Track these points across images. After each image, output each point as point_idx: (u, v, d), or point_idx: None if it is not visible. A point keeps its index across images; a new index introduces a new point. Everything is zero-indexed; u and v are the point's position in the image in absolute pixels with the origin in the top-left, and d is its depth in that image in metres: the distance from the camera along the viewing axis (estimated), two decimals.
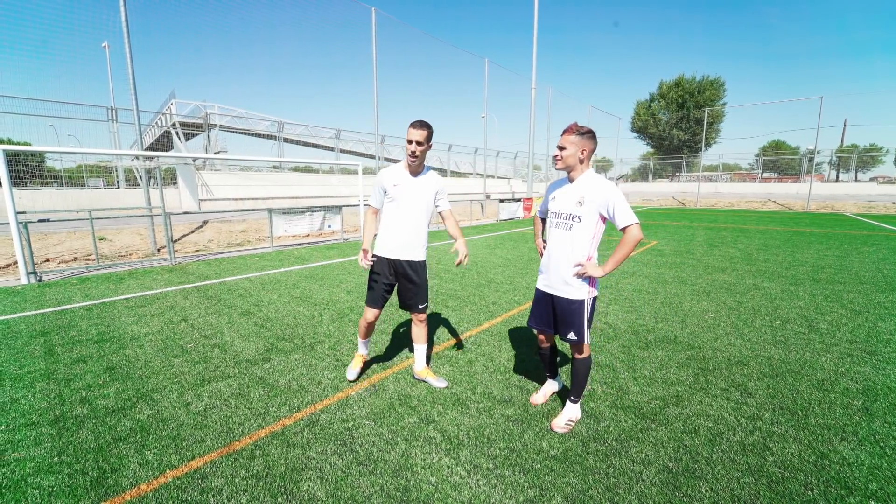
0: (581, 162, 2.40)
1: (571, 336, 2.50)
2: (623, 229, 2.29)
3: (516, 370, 3.38)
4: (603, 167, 40.65)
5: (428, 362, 3.41)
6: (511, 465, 2.24)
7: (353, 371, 3.24)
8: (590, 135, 2.38)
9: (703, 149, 32.94)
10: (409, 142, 2.78)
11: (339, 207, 11.34)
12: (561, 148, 2.40)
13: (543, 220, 2.81)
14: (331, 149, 22.89)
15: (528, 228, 14.59)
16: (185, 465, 2.25)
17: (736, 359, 3.58)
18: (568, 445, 2.41)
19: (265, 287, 6.12)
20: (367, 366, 3.43)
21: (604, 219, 2.40)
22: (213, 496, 2.03)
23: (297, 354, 3.71)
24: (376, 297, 3.05)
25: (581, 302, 2.45)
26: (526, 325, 4.44)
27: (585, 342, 2.51)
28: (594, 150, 2.42)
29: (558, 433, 2.52)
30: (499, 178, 32.59)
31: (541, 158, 34.17)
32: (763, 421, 2.65)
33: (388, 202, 2.97)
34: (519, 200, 18.82)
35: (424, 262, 3.05)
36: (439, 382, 3.12)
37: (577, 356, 2.59)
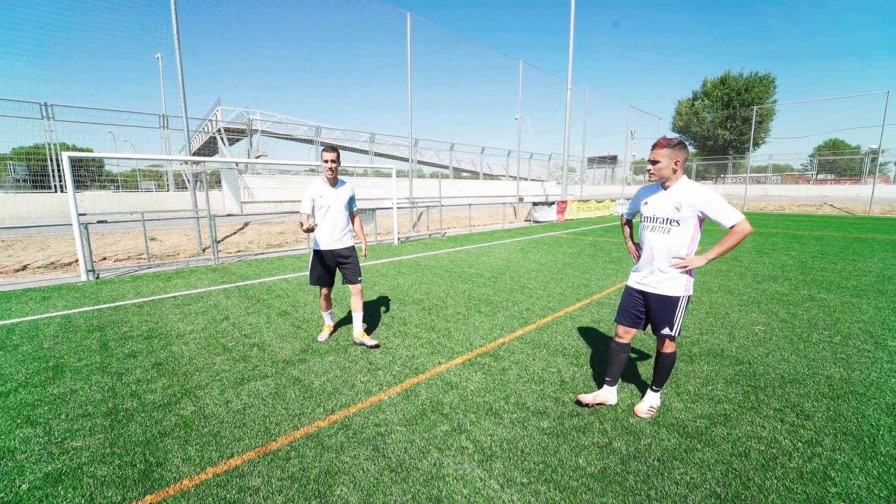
0: (674, 172, 2.52)
1: (666, 331, 2.64)
2: (731, 227, 2.41)
3: (551, 381, 3.29)
4: (641, 169, 39.31)
5: (365, 330, 4.25)
6: (546, 481, 2.17)
7: (322, 336, 4.16)
8: (681, 145, 2.48)
9: (751, 149, 31.20)
10: (325, 161, 3.71)
11: (373, 210, 11.52)
12: (654, 162, 2.52)
13: (628, 223, 3.08)
14: (365, 152, 23.33)
15: (563, 232, 14.29)
16: (225, 463, 2.32)
17: (790, 376, 3.34)
18: (606, 463, 2.30)
19: (302, 288, 6.29)
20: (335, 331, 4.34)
21: (701, 221, 2.52)
22: (251, 495, 2.08)
23: (332, 357, 3.77)
24: (321, 279, 4.01)
25: (678, 298, 2.59)
26: (557, 332, 4.33)
27: (676, 336, 2.67)
28: (686, 158, 2.53)
29: (642, 417, 2.74)
30: (532, 180, 32.14)
31: (576, 160, 33.46)
32: (823, 447, 2.45)
33: (317, 209, 3.86)
34: (553, 204, 18.47)
35: (353, 246, 4.06)
36: (371, 342, 3.95)
37: (664, 350, 2.73)
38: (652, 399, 2.82)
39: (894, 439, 2.51)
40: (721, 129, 43.60)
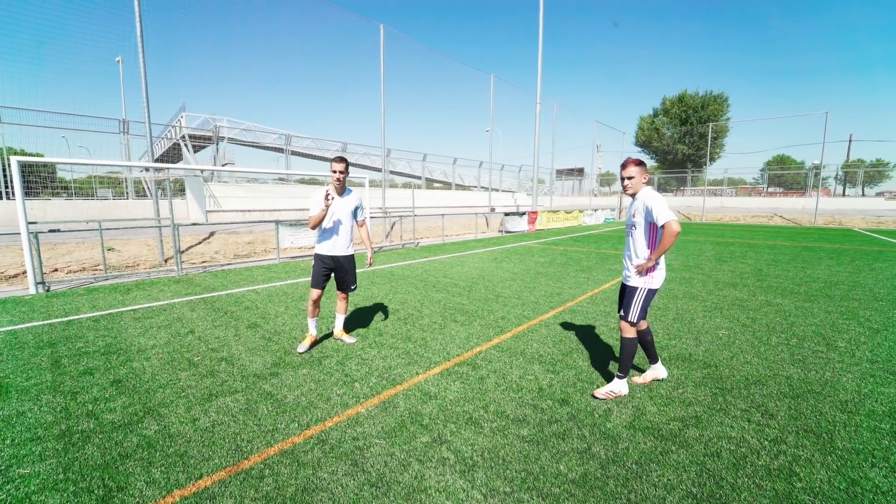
0: (643, 184, 3.06)
1: (621, 313, 3.18)
2: (662, 226, 2.84)
3: (529, 388, 3.31)
4: (607, 181, 40.70)
5: (345, 329, 4.51)
6: (529, 489, 2.16)
7: (303, 346, 4.10)
8: (643, 163, 3.07)
9: (708, 163, 32.96)
10: (334, 171, 3.91)
11: None
12: (629, 178, 3.04)
13: None
14: None
15: (535, 242, 14.54)
16: (193, 485, 2.19)
17: (754, 378, 3.49)
18: (587, 468, 2.33)
19: (272, 299, 6.09)
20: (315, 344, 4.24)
21: (653, 224, 2.94)
22: None
23: (305, 369, 3.66)
24: (318, 281, 4.12)
25: (636, 289, 3.10)
26: (532, 340, 4.38)
27: (630, 320, 3.11)
28: (648, 174, 3.11)
29: (598, 398, 3.09)
30: (503, 191, 32.65)
31: (545, 172, 34.28)
32: (787, 444, 2.56)
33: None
34: (524, 214, 18.81)
35: (353, 255, 4.25)
36: (351, 339, 4.32)
37: (623, 334, 3.18)
38: (615, 384, 3.14)
39: (849, 434, 2.67)
40: (680, 144, 45.87)
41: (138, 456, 2.44)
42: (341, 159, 3.91)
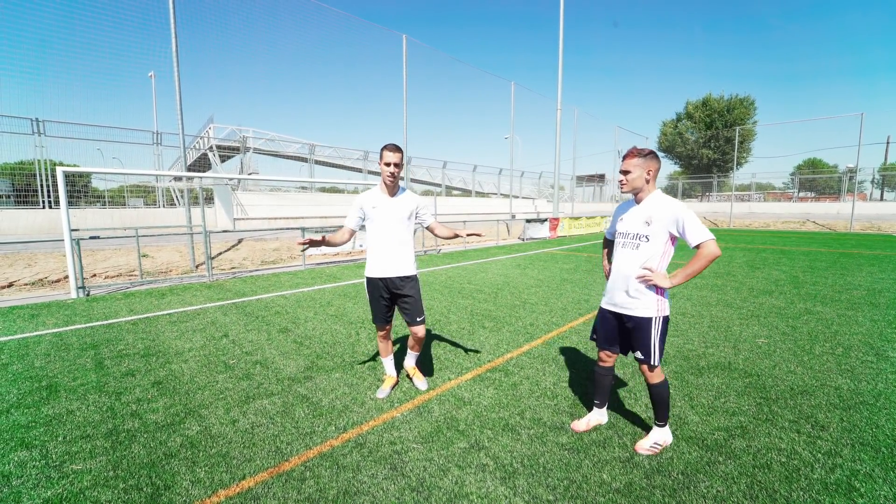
0: (647, 182, 2.41)
1: (639, 355, 2.46)
2: (697, 247, 2.24)
3: (564, 396, 3.25)
4: None
5: (418, 366, 3.57)
6: (572, 498, 2.12)
7: (383, 391, 3.27)
8: (652, 155, 2.38)
9: (735, 168, 32.10)
10: (388, 164, 2.94)
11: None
12: (625, 172, 2.41)
13: (610, 242, 2.80)
14: (359, 170, 23.42)
15: (557, 248, 14.39)
16: (237, 485, 2.22)
17: (800, 388, 3.35)
18: (631, 478, 2.26)
19: (300, 304, 6.19)
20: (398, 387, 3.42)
21: (674, 238, 2.37)
22: None
23: (338, 373, 3.69)
24: (380, 315, 3.24)
25: (649, 320, 2.39)
26: (563, 347, 4.31)
27: (653, 363, 2.42)
28: (659, 169, 2.43)
29: (643, 454, 2.47)
30: (523, 198, 32.53)
31: (565, 178, 34.01)
32: (843, 458, 2.44)
33: (369, 224, 3.11)
34: (545, 221, 18.66)
35: (415, 276, 3.19)
36: (422, 384, 3.35)
37: (650, 381, 2.48)
38: (656, 435, 2.53)
39: None
40: (705, 148, 44.84)
41: (182, 455, 2.49)
42: (397, 148, 2.95)
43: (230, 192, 15.16)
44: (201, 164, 23.26)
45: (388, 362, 3.39)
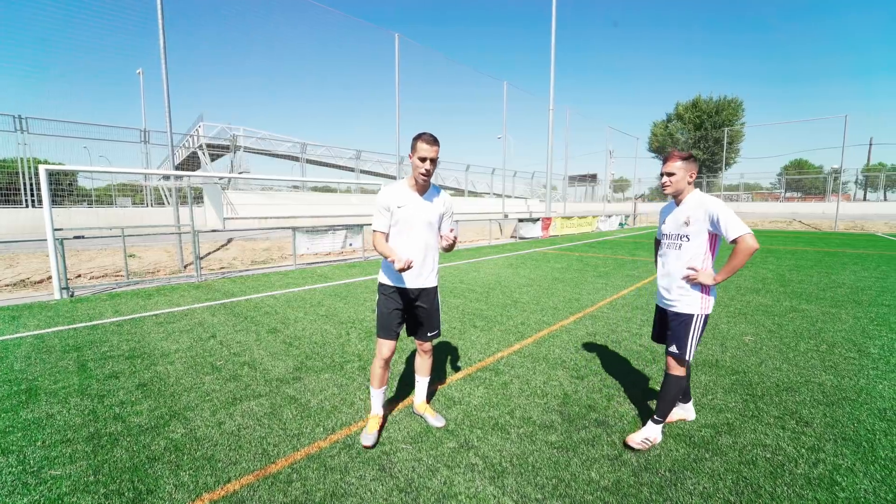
0: (689, 184, 2.50)
1: (673, 349, 2.53)
2: (734, 241, 2.31)
3: (554, 394, 3.26)
4: (620, 187, 40.37)
5: (429, 399, 3.10)
6: (561, 496, 2.12)
7: (368, 437, 2.56)
8: (692, 158, 2.48)
9: (723, 169, 32.50)
10: (423, 160, 2.47)
11: (361, 226, 11.43)
12: (670, 174, 2.47)
13: (658, 242, 2.86)
14: (351, 169, 23.29)
15: (549, 248, 14.45)
16: (222, 489, 2.19)
17: (785, 385, 3.39)
18: (619, 476, 2.27)
19: (290, 305, 6.13)
20: (385, 422, 2.81)
21: (714, 236, 2.44)
22: None
23: (328, 374, 3.66)
24: (390, 327, 2.67)
25: (691, 316, 2.49)
26: (554, 346, 4.32)
27: (686, 358, 2.51)
28: (697, 171, 2.52)
29: (633, 448, 2.50)
30: (516, 197, 32.62)
31: (558, 178, 34.17)
32: (826, 452, 2.47)
33: (392, 225, 2.63)
34: (538, 220, 18.73)
35: (436, 287, 2.82)
36: (437, 421, 2.78)
37: (670, 371, 2.57)
38: (649, 430, 2.55)
39: (891, 443, 2.56)
40: (694, 149, 45.35)
41: (166, 459, 2.45)
42: (434, 140, 2.49)
43: (220, 191, 14.99)
44: (191, 163, 22.97)
45: (378, 395, 2.69)
